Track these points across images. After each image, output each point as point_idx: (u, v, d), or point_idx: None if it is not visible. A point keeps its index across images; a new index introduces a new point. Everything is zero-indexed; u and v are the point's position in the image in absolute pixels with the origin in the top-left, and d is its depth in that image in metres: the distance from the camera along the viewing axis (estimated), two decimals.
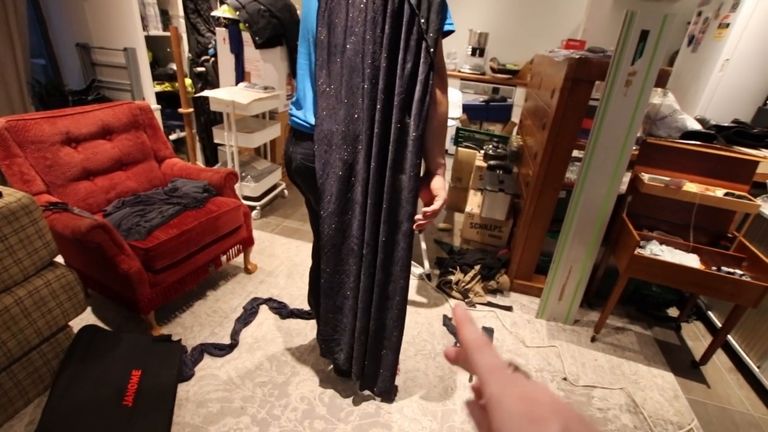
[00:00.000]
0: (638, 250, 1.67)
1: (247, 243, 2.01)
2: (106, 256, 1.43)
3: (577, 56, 1.64)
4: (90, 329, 1.42)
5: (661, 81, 1.61)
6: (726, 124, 2.05)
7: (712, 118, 2.25)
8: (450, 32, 0.97)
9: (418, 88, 0.97)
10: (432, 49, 0.93)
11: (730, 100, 2.42)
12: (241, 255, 2.05)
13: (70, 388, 1.21)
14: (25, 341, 1.22)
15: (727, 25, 2.35)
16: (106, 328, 1.64)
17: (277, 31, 2.67)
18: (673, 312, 2.14)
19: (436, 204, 1.06)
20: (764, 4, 2.22)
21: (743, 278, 1.56)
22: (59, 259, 1.59)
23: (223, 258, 1.91)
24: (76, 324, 1.45)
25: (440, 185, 1.08)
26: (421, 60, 0.94)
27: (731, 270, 1.64)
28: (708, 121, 2.15)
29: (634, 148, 1.85)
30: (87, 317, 1.69)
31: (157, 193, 1.84)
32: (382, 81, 0.96)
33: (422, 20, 0.91)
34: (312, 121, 1.06)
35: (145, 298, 1.51)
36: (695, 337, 2.00)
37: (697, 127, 1.97)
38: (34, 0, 2.78)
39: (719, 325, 1.93)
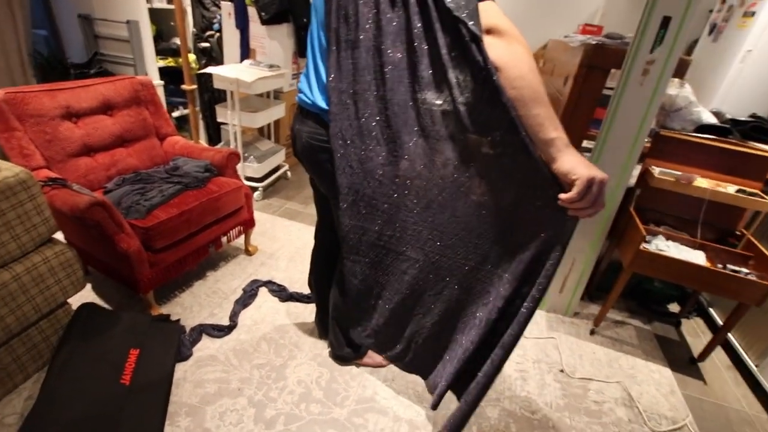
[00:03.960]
0: (644, 245, 1.64)
1: (248, 224, 2.00)
2: (106, 234, 1.42)
3: (594, 42, 1.58)
4: (88, 307, 1.42)
5: (680, 71, 1.55)
6: (743, 119, 1.98)
7: (728, 111, 2.18)
8: None
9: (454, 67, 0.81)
10: (472, 23, 0.76)
11: (749, 93, 2.34)
12: (242, 236, 2.04)
13: (69, 364, 1.22)
14: (24, 317, 1.22)
15: (753, 14, 2.25)
16: (105, 306, 1.64)
17: (283, 6, 2.58)
18: (674, 308, 2.13)
19: (571, 192, 0.77)
20: None
21: (749, 277, 1.54)
22: (59, 236, 1.58)
23: (224, 239, 1.90)
24: (76, 301, 1.45)
25: (568, 166, 0.76)
26: (465, 38, 0.77)
27: (737, 268, 1.61)
28: (724, 114, 2.08)
29: (647, 140, 1.80)
30: (87, 295, 1.70)
31: (158, 172, 1.82)
32: (407, 73, 0.86)
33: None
34: (318, 101, 1.02)
35: (144, 277, 1.51)
36: (695, 334, 1.99)
37: (713, 120, 1.91)
38: None
39: (720, 322, 1.91)
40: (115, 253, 1.45)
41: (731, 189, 1.68)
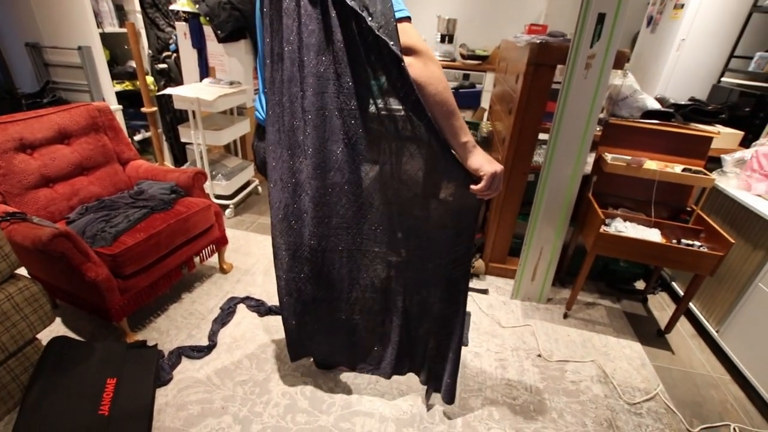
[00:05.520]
0: (603, 228, 1.73)
1: (221, 243, 1.99)
2: (72, 265, 1.39)
3: (539, 41, 1.67)
4: (60, 340, 1.38)
5: (619, 63, 1.65)
6: (683, 102, 2.13)
7: (671, 96, 2.33)
8: (405, 18, 0.87)
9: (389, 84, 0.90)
10: (392, 43, 0.84)
11: (687, 78, 2.51)
12: (216, 255, 2.02)
13: (42, 401, 1.18)
14: None
15: (682, 6, 2.43)
16: (77, 338, 1.60)
17: (239, 23, 2.59)
18: (640, 285, 2.24)
19: (480, 185, 0.96)
20: None
21: (701, 249, 1.65)
22: (22, 271, 1.53)
23: (197, 259, 1.88)
24: (46, 336, 1.41)
25: (477, 164, 0.95)
26: (384, 61, 0.86)
27: (690, 242, 1.72)
28: (667, 99, 2.23)
29: (598, 129, 1.91)
30: (57, 329, 1.64)
31: (123, 197, 1.79)
32: (330, 84, 0.91)
33: (369, 18, 0.82)
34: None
35: (115, 305, 1.48)
36: (661, 308, 2.10)
37: (657, 106, 2.04)
38: None
39: (682, 294, 2.03)
40: (83, 284, 1.42)
41: (678, 168, 1.80)
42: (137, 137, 3.09)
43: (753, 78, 2.34)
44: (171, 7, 2.80)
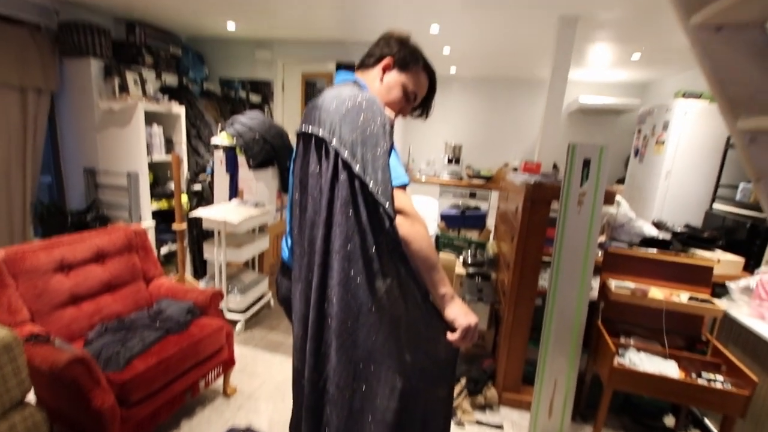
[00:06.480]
0: (617, 360, 1.68)
1: (228, 364, 1.97)
2: (81, 391, 1.40)
3: (533, 181, 1.85)
4: None
5: (609, 199, 1.80)
6: (679, 230, 2.23)
7: (667, 220, 2.45)
8: (402, 186, 1.04)
9: (373, 240, 1.03)
10: (388, 204, 0.98)
11: (679, 204, 2.66)
12: (221, 377, 1.99)
13: None
14: None
15: (663, 142, 2.70)
16: None
17: (269, 155, 2.96)
18: (669, 420, 2.06)
19: (455, 334, 1.03)
20: (689, 127, 2.59)
21: (725, 386, 1.56)
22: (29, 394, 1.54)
23: (202, 383, 1.86)
24: None
25: (453, 315, 1.04)
26: (379, 217, 1.01)
27: (711, 377, 1.64)
28: (665, 223, 2.34)
29: (600, 254, 1.99)
30: None
31: (141, 317, 1.86)
32: (333, 231, 1.04)
33: (371, 184, 0.98)
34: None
35: None
36: None
37: (654, 232, 2.15)
38: (51, 124, 3.08)
39: None
40: (87, 411, 1.41)
41: (684, 296, 1.81)
42: (163, 249, 3.30)
43: (742, 206, 2.46)
44: (212, 140, 3.24)
